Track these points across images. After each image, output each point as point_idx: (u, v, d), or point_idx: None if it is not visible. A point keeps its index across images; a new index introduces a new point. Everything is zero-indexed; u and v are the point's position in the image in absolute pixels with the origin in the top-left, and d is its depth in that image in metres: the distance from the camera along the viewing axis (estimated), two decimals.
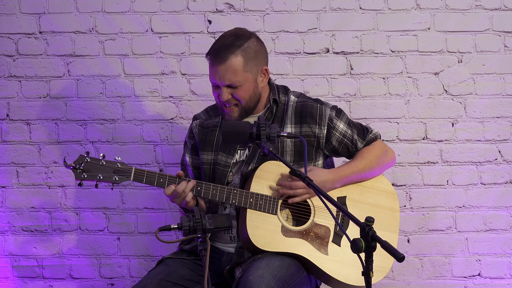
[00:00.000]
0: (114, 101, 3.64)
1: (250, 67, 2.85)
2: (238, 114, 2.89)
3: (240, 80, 2.83)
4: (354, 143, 2.98)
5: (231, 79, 2.82)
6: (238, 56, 2.82)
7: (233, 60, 2.82)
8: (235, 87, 2.83)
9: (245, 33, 2.89)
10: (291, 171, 2.44)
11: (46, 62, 3.64)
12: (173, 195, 2.75)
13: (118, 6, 3.63)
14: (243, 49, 2.83)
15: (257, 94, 2.91)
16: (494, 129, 3.63)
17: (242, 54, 2.83)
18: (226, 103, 2.86)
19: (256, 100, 2.91)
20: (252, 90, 2.88)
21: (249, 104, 2.89)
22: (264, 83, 2.93)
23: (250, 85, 2.86)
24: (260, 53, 2.90)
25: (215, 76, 2.84)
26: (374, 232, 2.09)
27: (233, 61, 2.82)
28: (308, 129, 2.94)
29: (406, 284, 3.62)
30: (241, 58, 2.82)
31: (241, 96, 2.85)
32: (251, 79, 2.86)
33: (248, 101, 2.88)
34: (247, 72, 2.84)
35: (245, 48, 2.84)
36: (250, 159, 2.91)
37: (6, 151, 3.63)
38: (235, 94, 2.85)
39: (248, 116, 2.93)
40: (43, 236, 3.62)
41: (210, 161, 2.97)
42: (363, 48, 3.64)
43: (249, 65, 2.84)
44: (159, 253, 3.60)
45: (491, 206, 3.62)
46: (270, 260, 2.68)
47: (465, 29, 3.63)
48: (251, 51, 2.85)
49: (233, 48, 2.82)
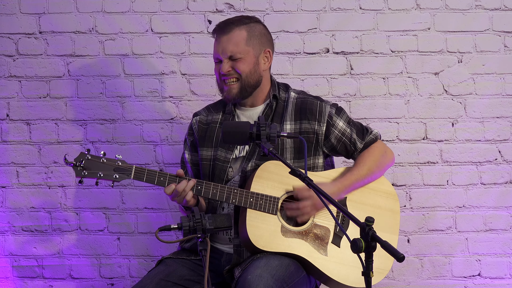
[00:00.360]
0: (114, 101, 3.64)
1: (253, 43, 2.90)
2: (237, 90, 2.91)
3: (241, 52, 2.87)
4: (353, 143, 2.98)
5: (232, 50, 2.87)
6: (242, 30, 2.89)
7: (236, 32, 2.88)
8: (235, 59, 2.87)
9: (254, 17, 2.98)
10: (291, 171, 2.44)
11: (46, 62, 3.64)
12: (173, 194, 2.76)
13: (118, 6, 3.63)
14: (248, 26, 2.92)
15: (258, 73, 2.93)
16: (494, 129, 3.63)
17: (247, 30, 2.90)
18: (226, 77, 2.89)
19: (256, 80, 2.93)
20: (253, 65, 2.91)
21: (249, 80, 2.90)
22: (266, 66, 2.96)
23: (251, 60, 2.90)
24: (265, 36, 2.96)
25: (218, 48, 2.90)
26: (374, 232, 2.09)
27: (236, 33, 2.88)
28: (308, 125, 2.94)
29: (406, 284, 3.62)
30: (245, 32, 2.89)
31: (241, 68, 2.88)
32: (252, 54, 2.90)
33: (249, 75, 2.90)
34: (249, 47, 2.89)
35: (251, 26, 2.92)
36: (251, 155, 2.92)
37: (6, 151, 3.63)
38: (235, 66, 2.88)
39: (247, 105, 2.95)
40: (43, 236, 3.62)
41: (209, 157, 2.98)
42: (363, 48, 3.64)
43: (252, 41, 2.90)
44: (159, 253, 3.60)
45: (491, 206, 3.62)
46: (269, 259, 2.68)
47: (465, 29, 3.63)
48: (256, 30, 2.93)
49: (238, 22, 2.91)
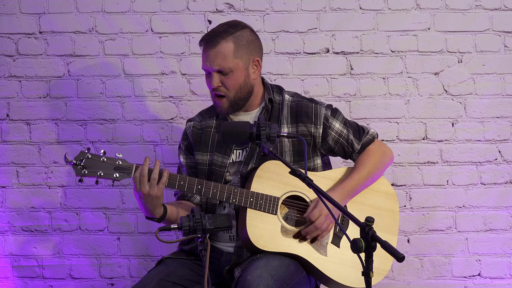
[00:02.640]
0: (114, 101, 3.64)
1: (241, 54, 2.85)
2: (227, 105, 2.88)
3: (230, 66, 2.82)
4: (350, 143, 2.98)
5: (220, 64, 2.82)
6: (229, 42, 2.83)
7: (223, 45, 2.82)
8: (225, 73, 2.83)
9: (239, 24, 2.91)
10: (291, 171, 2.44)
11: (46, 62, 3.64)
12: (140, 180, 2.67)
13: (118, 6, 3.63)
14: (235, 36, 2.84)
15: (249, 85, 2.89)
16: (494, 129, 3.63)
17: (233, 41, 2.84)
18: (217, 92, 2.86)
19: (247, 92, 2.90)
20: (244, 79, 2.87)
21: (239, 95, 2.87)
22: (256, 75, 2.92)
23: (241, 73, 2.86)
24: (253, 44, 2.90)
25: (206, 61, 2.85)
26: (374, 232, 2.09)
27: (223, 46, 2.82)
28: (304, 128, 2.93)
29: (406, 284, 3.62)
30: (231, 44, 2.83)
31: (231, 85, 2.84)
32: (241, 66, 2.85)
33: (239, 91, 2.86)
34: (237, 59, 2.84)
35: (237, 36, 2.85)
36: (249, 159, 2.91)
37: (6, 151, 3.63)
38: (225, 82, 2.84)
39: (241, 110, 2.93)
40: (43, 236, 3.62)
41: (205, 161, 2.97)
42: (363, 48, 3.63)
43: (240, 52, 2.84)
44: (159, 253, 3.60)
45: (491, 206, 3.62)
46: (269, 260, 2.67)
47: (465, 29, 3.63)
48: (243, 39, 2.86)
49: (225, 34, 2.84)
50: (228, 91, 2.85)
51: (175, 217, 2.82)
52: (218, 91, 2.86)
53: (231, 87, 2.85)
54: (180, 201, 2.95)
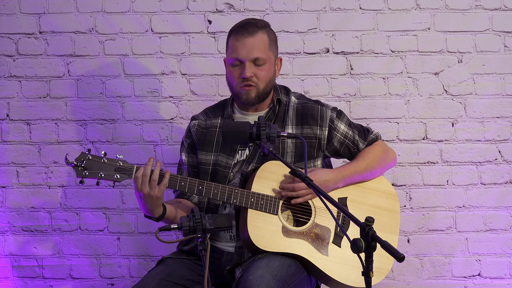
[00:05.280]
0: (114, 101, 3.64)
1: (272, 49, 2.91)
2: (255, 95, 2.87)
3: (265, 57, 2.85)
4: (356, 144, 2.98)
5: (258, 53, 2.83)
6: (265, 34, 2.88)
7: (261, 35, 2.86)
8: (259, 64, 2.84)
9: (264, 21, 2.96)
10: (291, 171, 2.44)
11: (46, 62, 3.64)
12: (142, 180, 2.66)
13: (118, 6, 3.63)
14: (268, 30, 2.91)
15: (273, 82, 2.93)
16: (494, 129, 3.63)
17: (267, 34, 2.89)
18: (247, 81, 2.84)
19: (271, 88, 2.92)
20: (272, 74, 2.91)
21: (266, 89, 2.89)
22: (277, 74, 2.97)
23: (271, 67, 2.90)
24: (276, 43, 2.96)
25: (241, 49, 2.83)
26: (374, 232, 2.09)
27: (261, 36, 2.86)
28: (310, 130, 2.93)
29: (406, 284, 3.62)
30: (267, 36, 2.88)
31: (262, 76, 2.85)
32: (272, 61, 2.91)
33: (267, 85, 2.88)
34: (270, 52, 2.89)
35: (269, 30, 2.92)
36: (251, 158, 2.91)
37: (6, 151, 3.63)
38: (257, 73, 2.84)
39: (251, 110, 2.94)
40: (43, 236, 3.62)
41: (210, 161, 2.96)
42: (363, 48, 3.64)
43: (272, 46, 2.90)
44: (159, 253, 3.60)
45: (491, 206, 3.63)
46: (270, 260, 2.68)
47: (465, 29, 3.63)
48: (273, 35, 2.93)
49: (260, 25, 2.88)
50: (259, 82, 2.86)
51: (174, 216, 2.82)
52: (250, 81, 2.85)
53: (263, 79, 2.86)
54: (180, 200, 2.96)
